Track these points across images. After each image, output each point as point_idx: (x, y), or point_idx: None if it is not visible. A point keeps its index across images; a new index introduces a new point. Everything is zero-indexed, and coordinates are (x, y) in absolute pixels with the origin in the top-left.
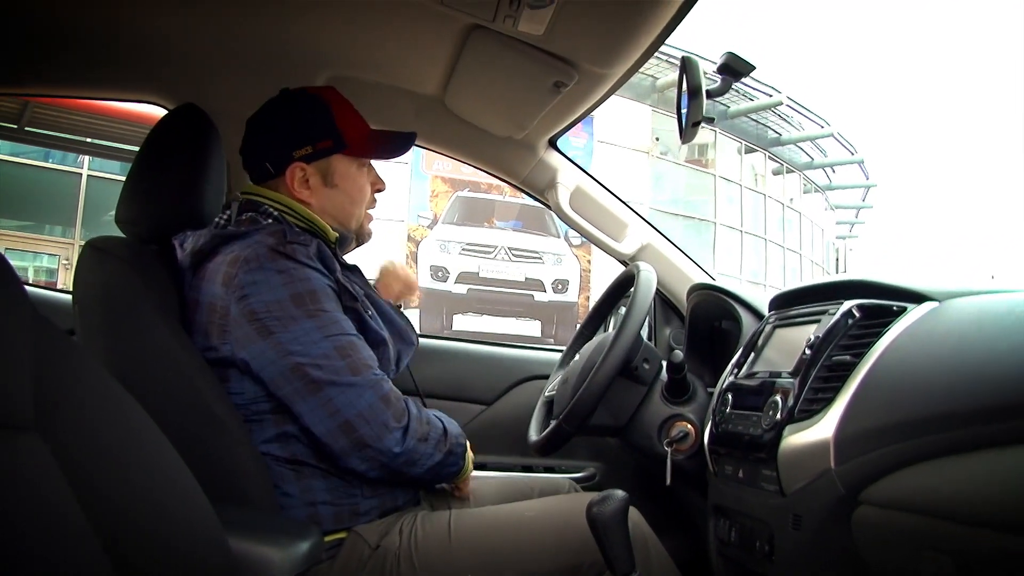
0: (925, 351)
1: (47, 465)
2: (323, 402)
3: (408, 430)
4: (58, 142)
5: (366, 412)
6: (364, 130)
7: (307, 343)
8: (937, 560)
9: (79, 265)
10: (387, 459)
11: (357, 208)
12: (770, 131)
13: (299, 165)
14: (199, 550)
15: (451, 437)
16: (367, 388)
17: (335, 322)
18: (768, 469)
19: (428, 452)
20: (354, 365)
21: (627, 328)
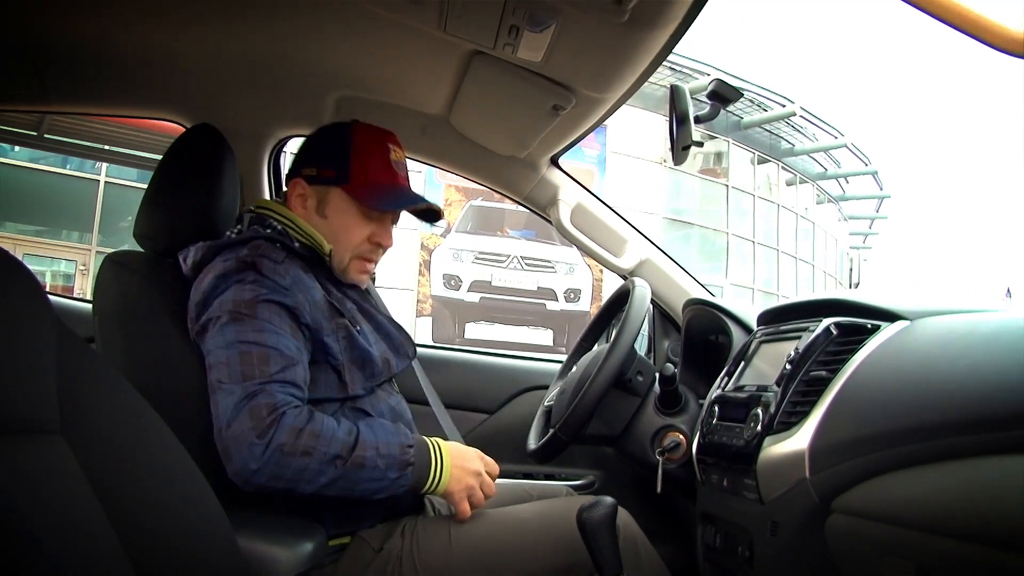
0: (894, 368)
1: (71, 467)
2: (214, 405)
3: (271, 445)
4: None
5: (232, 421)
6: (379, 178)
7: (222, 344)
8: (900, 567)
9: (99, 278)
10: (246, 476)
11: (340, 247)
12: (783, 141)
13: (299, 182)
14: (211, 550)
15: (368, 449)
16: (241, 396)
17: (259, 330)
18: (749, 478)
19: (313, 468)
20: (247, 372)
21: (620, 342)
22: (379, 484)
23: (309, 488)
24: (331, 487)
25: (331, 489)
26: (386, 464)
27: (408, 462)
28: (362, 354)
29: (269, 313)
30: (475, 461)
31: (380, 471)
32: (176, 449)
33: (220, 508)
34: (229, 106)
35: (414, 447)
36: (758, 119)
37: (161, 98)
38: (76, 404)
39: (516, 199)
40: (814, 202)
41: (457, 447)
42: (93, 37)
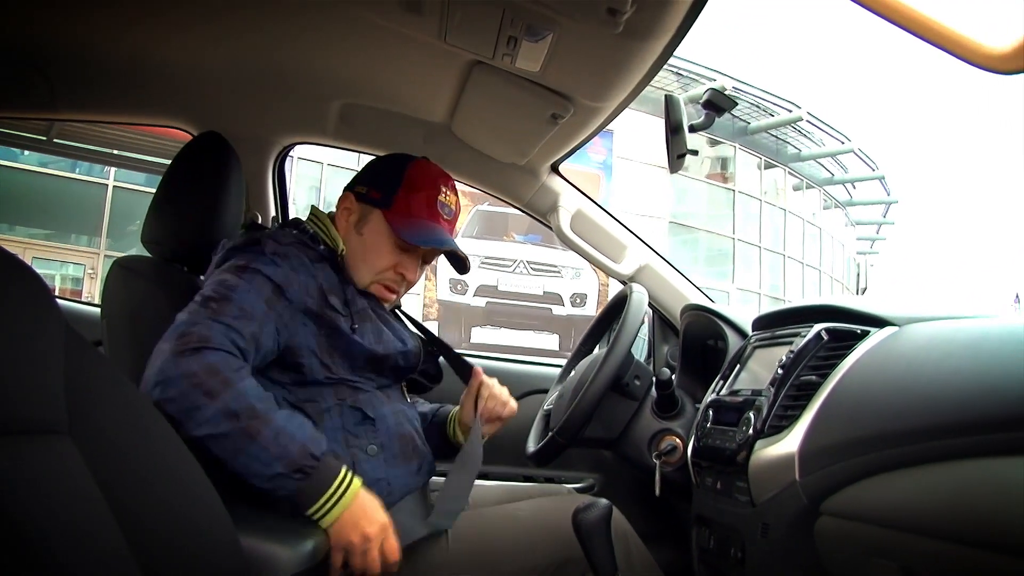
0: (881, 372)
1: (78, 467)
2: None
3: (181, 367)
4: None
5: (166, 335)
6: (419, 213)
7: (200, 292)
8: (885, 567)
9: (107, 282)
10: (147, 387)
11: (365, 267)
12: (790, 147)
13: (349, 195)
14: (213, 549)
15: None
16: (185, 315)
17: (231, 286)
18: (741, 481)
19: (207, 412)
20: (201, 309)
21: (617, 347)
22: (260, 468)
23: (194, 431)
24: (214, 442)
25: (214, 444)
26: (277, 453)
27: (301, 468)
28: (347, 344)
29: (250, 277)
30: (377, 524)
31: (268, 456)
32: (180, 450)
33: (223, 508)
34: (235, 114)
35: (320, 462)
36: (765, 124)
37: (168, 106)
38: (83, 405)
39: (517, 205)
40: (821, 207)
41: (372, 501)
42: (101, 46)
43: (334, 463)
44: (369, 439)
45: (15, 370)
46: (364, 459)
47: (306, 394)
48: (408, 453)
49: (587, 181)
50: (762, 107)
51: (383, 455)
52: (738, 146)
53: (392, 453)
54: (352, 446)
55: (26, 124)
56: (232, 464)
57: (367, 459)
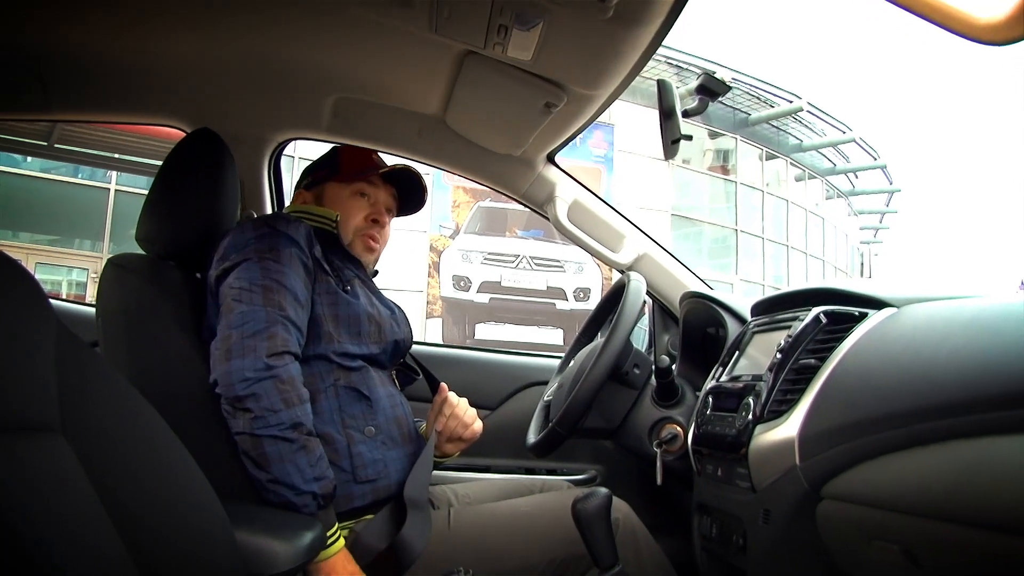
0: (880, 354)
1: (71, 464)
2: (229, 313)
3: (274, 371)
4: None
5: (248, 332)
6: (364, 163)
7: (247, 278)
8: (886, 549)
9: (102, 281)
10: (235, 379)
11: (343, 227)
12: (791, 137)
13: (300, 193)
14: (209, 546)
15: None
16: (265, 318)
17: (279, 272)
18: (741, 467)
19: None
20: (269, 301)
21: (615, 336)
22: (299, 482)
23: (259, 429)
24: (273, 443)
25: (271, 445)
26: (317, 475)
27: (327, 496)
28: (345, 308)
29: (289, 257)
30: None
31: (310, 474)
32: (176, 448)
33: (219, 505)
34: (228, 111)
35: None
36: (765, 115)
37: (161, 104)
38: (76, 404)
39: (514, 197)
40: (823, 197)
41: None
42: (94, 44)
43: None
44: (367, 420)
45: (6, 369)
46: (361, 440)
47: (305, 370)
48: (404, 437)
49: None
50: (762, 98)
51: (380, 437)
52: (739, 138)
53: (389, 435)
54: (349, 427)
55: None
56: (273, 468)
57: (364, 440)
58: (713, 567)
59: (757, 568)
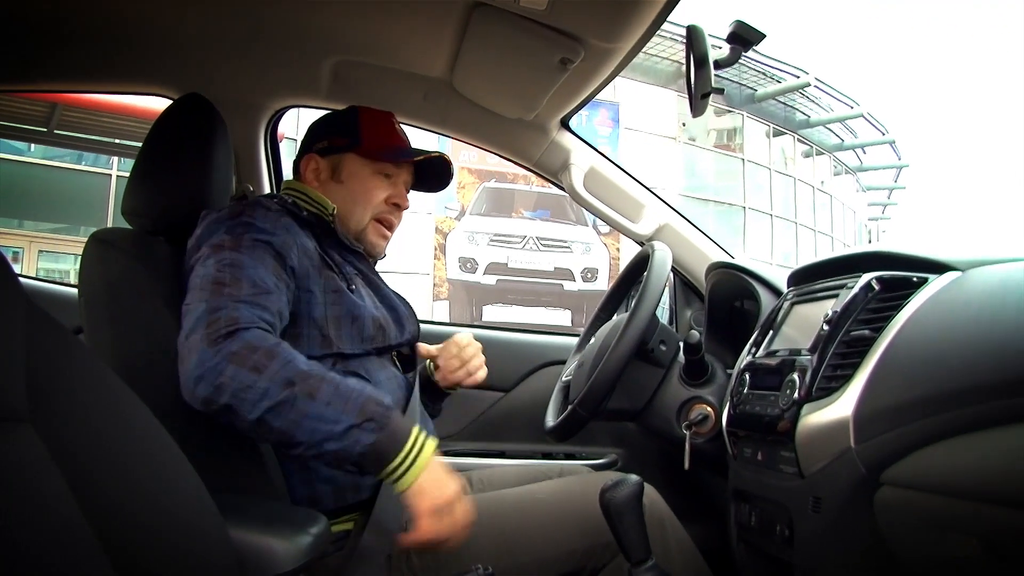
0: (947, 323)
1: (40, 457)
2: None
3: (220, 352)
4: (87, 144)
5: (188, 330)
6: (390, 141)
7: (201, 274)
8: (964, 542)
9: (83, 259)
10: (191, 385)
11: (359, 208)
12: (798, 113)
13: (313, 156)
14: (198, 541)
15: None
16: (205, 310)
17: (237, 263)
18: (786, 450)
19: (260, 386)
20: (216, 292)
21: (641, 309)
22: (329, 427)
23: (251, 413)
24: (276, 415)
25: (275, 418)
26: (343, 407)
27: (372, 416)
28: (350, 310)
29: (251, 249)
30: (454, 486)
31: (334, 411)
32: (161, 438)
33: (209, 498)
34: (220, 76)
35: (391, 411)
36: (772, 91)
37: (147, 71)
38: (48, 391)
39: (526, 165)
40: (831, 174)
41: (443, 463)
42: (71, 8)
43: (405, 418)
44: None
45: None
46: None
47: None
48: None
49: None
50: (769, 74)
51: None
52: (746, 114)
53: None
54: None
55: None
56: (298, 435)
57: None
58: (752, 558)
59: (805, 561)
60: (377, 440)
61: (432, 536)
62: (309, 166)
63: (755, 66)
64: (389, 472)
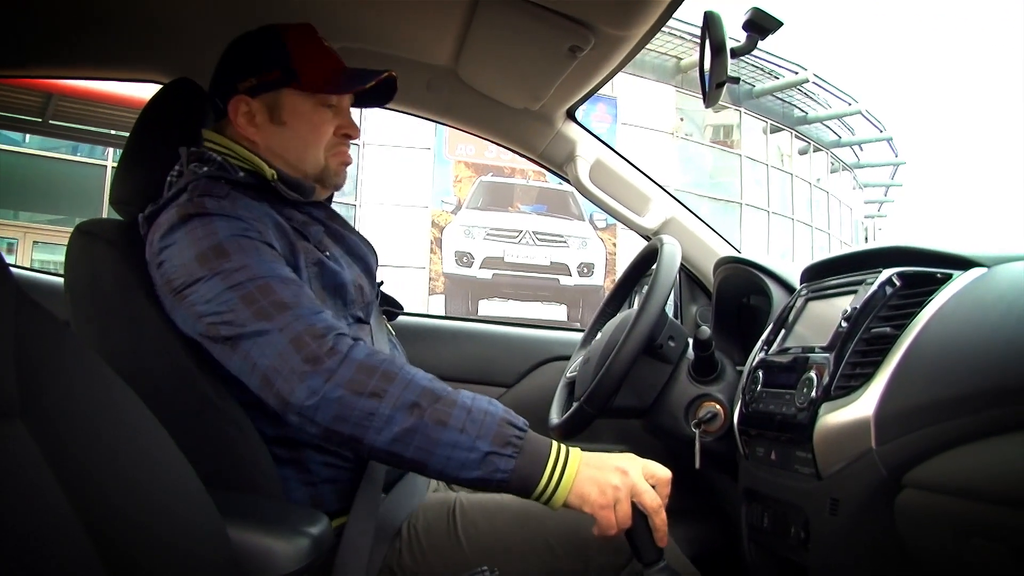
0: (974, 321)
1: (31, 454)
2: (243, 357)
3: (332, 376)
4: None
5: (276, 361)
6: (328, 65)
7: (213, 300)
8: (989, 549)
9: (69, 251)
10: (311, 415)
11: (312, 149)
12: (796, 109)
13: (242, 99)
14: (194, 540)
15: (454, 406)
16: (276, 332)
17: (242, 268)
18: (803, 451)
19: (384, 413)
20: (263, 310)
21: (650, 304)
22: (465, 455)
23: (378, 440)
24: (405, 445)
25: (404, 448)
26: (478, 432)
27: (509, 441)
28: (333, 279)
29: (239, 248)
30: (616, 472)
31: (468, 438)
32: (155, 433)
33: (206, 495)
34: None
35: (526, 433)
36: (770, 87)
37: (140, 56)
38: (39, 385)
39: (530, 157)
40: (828, 170)
41: (597, 457)
42: None
43: (540, 436)
44: None
45: None
46: None
47: None
48: None
49: None
50: (767, 70)
51: None
52: (743, 110)
53: None
54: None
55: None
56: (431, 464)
57: None
58: (763, 560)
59: (822, 564)
60: (517, 466)
61: (618, 524)
62: (240, 110)
63: (754, 62)
64: (538, 496)
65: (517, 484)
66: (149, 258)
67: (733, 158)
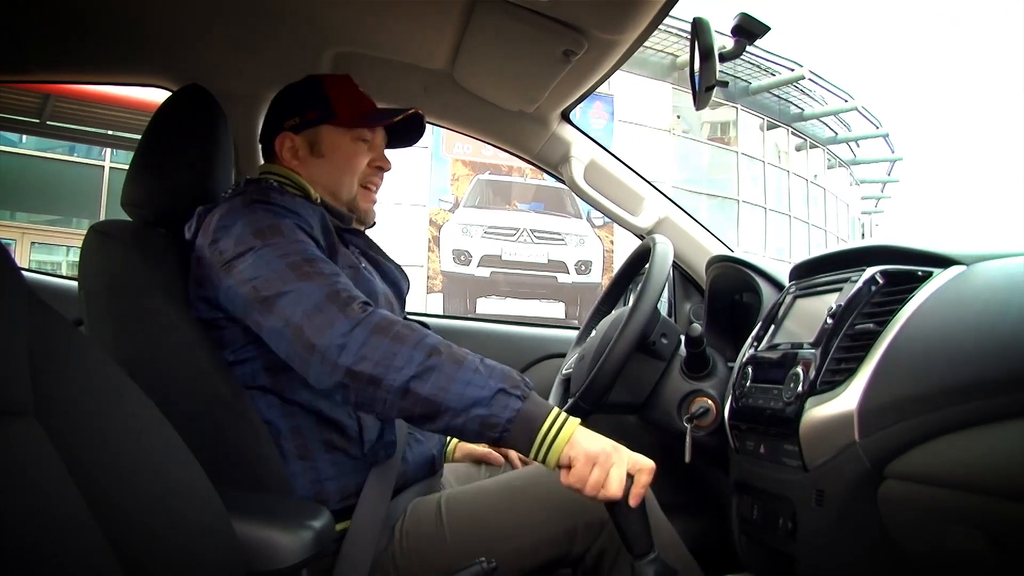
0: (953, 317)
1: (45, 450)
2: (277, 314)
3: (359, 323)
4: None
5: (311, 310)
6: (361, 105)
7: (262, 266)
8: (968, 535)
9: (83, 251)
10: (333, 354)
11: (347, 179)
12: (792, 106)
13: (287, 135)
14: (203, 536)
15: (468, 354)
16: (315, 287)
17: (294, 242)
18: (790, 444)
19: (405, 353)
20: (307, 274)
21: (643, 302)
22: (478, 391)
23: (398, 378)
24: (422, 381)
25: (421, 384)
26: (491, 373)
27: (519, 385)
28: (367, 286)
29: (292, 230)
30: (609, 443)
31: (483, 377)
32: (164, 430)
33: (213, 491)
34: (220, 67)
35: (530, 388)
36: (766, 84)
37: (147, 62)
38: (52, 384)
39: (526, 158)
40: (825, 167)
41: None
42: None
43: (542, 399)
44: None
45: None
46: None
47: None
48: None
49: None
50: (763, 67)
51: None
52: (740, 107)
53: None
54: None
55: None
56: (446, 400)
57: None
58: (754, 551)
59: (809, 554)
60: (524, 408)
61: (578, 482)
62: (284, 146)
63: (750, 59)
64: (539, 443)
65: (521, 425)
66: (200, 240)
67: (730, 155)
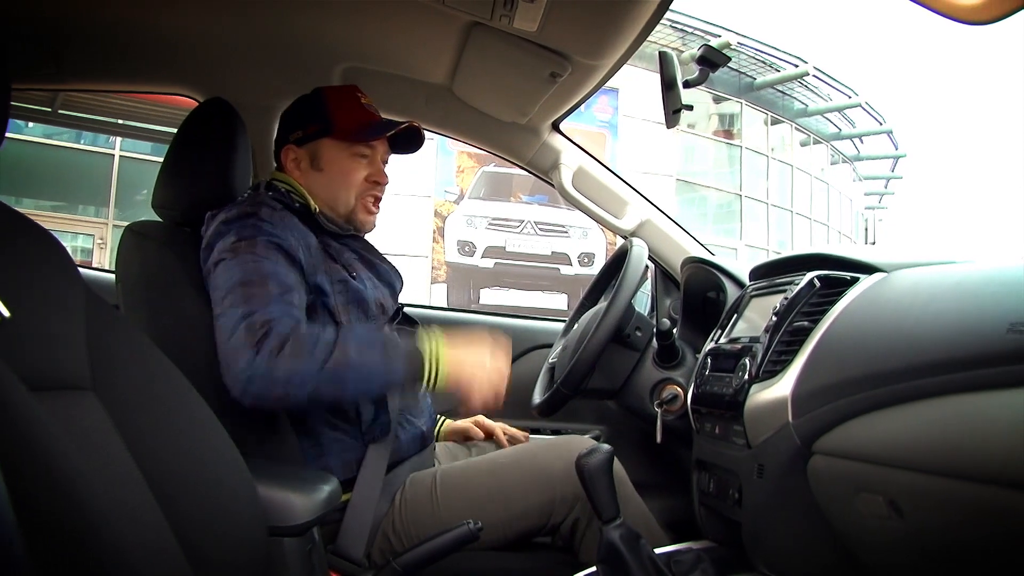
0: (870, 316)
1: (103, 421)
2: (217, 328)
3: (262, 350)
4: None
5: (231, 336)
6: (360, 118)
7: (227, 278)
8: (871, 500)
9: (121, 248)
10: (243, 384)
11: (343, 193)
12: (797, 102)
13: (291, 147)
14: (233, 496)
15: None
16: (241, 315)
17: (256, 262)
18: (737, 424)
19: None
20: (248, 295)
21: (618, 299)
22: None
23: (302, 392)
24: (323, 391)
25: (325, 391)
26: (373, 360)
27: (392, 356)
28: (356, 295)
29: (266, 250)
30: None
31: (368, 370)
32: (199, 404)
33: (240, 457)
34: (240, 80)
35: (397, 344)
36: (771, 80)
37: (173, 74)
38: (105, 363)
39: (519, 164)
40: (828, 163)
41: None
42: (106, 15)
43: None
44: None
45: (44, 334)
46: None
47: None
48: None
49: (592, 140)
50: (768, 62)
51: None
52: (744, 102)
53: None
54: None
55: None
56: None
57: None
58: (711, 520)
59: (751, 519)
60: (407, 369)
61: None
62: (289, 157)
63: (754, 54)
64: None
65: (411, 378)
66: (203, 242)
67: (734, 149)
